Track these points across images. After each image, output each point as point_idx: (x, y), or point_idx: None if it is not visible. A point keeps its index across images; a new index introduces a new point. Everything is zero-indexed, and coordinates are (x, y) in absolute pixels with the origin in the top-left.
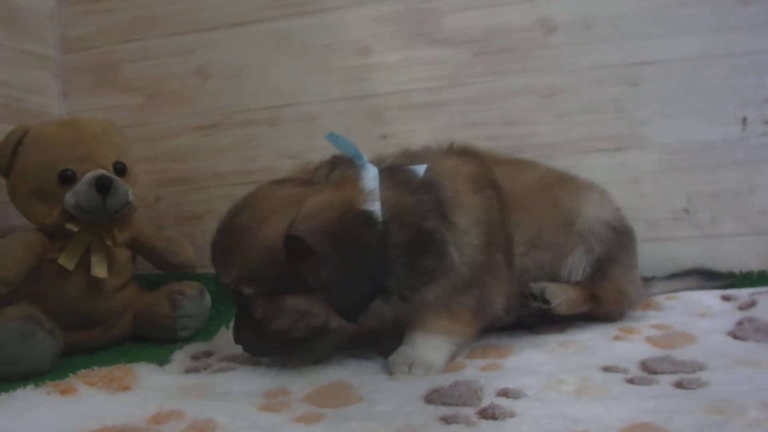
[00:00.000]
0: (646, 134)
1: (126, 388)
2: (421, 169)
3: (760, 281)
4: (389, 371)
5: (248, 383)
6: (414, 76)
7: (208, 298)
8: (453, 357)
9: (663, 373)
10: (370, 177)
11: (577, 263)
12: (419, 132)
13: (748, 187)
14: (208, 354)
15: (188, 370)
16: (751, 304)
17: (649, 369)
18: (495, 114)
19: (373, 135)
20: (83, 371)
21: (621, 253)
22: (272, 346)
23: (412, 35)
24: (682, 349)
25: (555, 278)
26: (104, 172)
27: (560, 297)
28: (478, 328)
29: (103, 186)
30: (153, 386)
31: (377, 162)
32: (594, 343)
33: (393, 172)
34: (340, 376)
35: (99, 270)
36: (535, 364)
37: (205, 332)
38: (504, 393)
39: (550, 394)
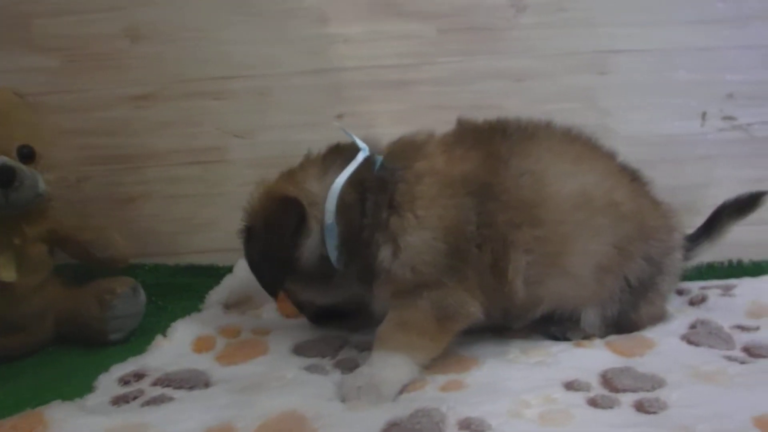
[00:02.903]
0: (612, 126)
1: None
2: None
3: (708, 274)
4: (341, 396)
5: (186, 420)
6: (377, 51)
7: (142, 295)
8: (412, 379)
9: (624, 391)
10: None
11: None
12: (381, 113)
13: (705, 182)
14: (140, 376)
15: (115, 401)
16: (702, 300)
17: (611, 385)
18: (463, 97)
19: (330, 114)
20: None
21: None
22: (309, 314)
23: (375, 4)
24: (642, 358)
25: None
26: (5, 159)
27: (581, 334)
28: (446, 342)
29: (3, 178)
30: None
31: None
32: (557, 349)
33: (363, 164)
34: (293, 405)
35: (6, 273)
36: (498, 380)
37: (140, 331)
38: (467, 425)
39: (515, 423)
